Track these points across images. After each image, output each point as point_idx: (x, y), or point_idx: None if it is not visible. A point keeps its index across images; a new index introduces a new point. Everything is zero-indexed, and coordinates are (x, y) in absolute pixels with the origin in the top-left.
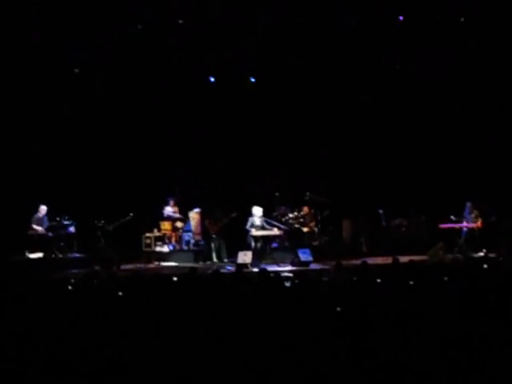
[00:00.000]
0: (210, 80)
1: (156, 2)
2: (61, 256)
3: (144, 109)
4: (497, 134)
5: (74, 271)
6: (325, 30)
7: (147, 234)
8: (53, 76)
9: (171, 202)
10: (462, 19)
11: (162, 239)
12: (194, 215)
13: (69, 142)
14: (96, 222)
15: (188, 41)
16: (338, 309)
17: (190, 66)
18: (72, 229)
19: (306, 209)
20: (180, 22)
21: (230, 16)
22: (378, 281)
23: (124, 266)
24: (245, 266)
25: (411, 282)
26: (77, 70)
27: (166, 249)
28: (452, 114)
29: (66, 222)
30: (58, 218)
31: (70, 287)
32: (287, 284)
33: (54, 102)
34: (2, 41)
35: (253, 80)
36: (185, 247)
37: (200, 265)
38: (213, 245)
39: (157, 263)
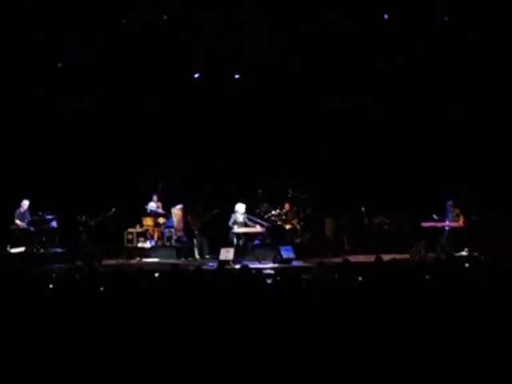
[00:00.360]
0: (194, 76)
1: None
2: (43, 251)
3: (128, 105)
4: (478, 133)
5: (55, 266)
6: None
7: (129, 230)
8: (41, 72)
9: (155, 198)
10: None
11: (144, 235)
12: (177, 211)
13: (52, 137)
14: (78, 216)
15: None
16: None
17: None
18: (54, 223)
19: (288, 206)
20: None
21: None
22: (360, 279)
23: (106, 262)
24: (227, 262)
25: (393, 281)
26: (59, 65)
27: (147, 245)
28: (434, 113)
29: (48, 217)
30: (40, 213)
31: (51, 282)
32: (269, 281)
33: (41, 98)
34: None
35: (236, 77)
36: (167, 243)
37: (182, 261)
38: (195, 241)
39: (139, 259)
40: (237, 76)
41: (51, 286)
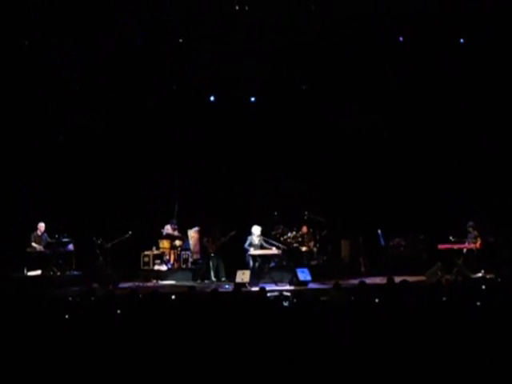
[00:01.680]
0: (210, 99)
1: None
2: (59, 274)
3: (144, 127)
4: (494, 153)
5: (72, 289)
6: (324, 43)
7: (146, 252)
8: (52, 89)
9: (173, 225)
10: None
11: (160, 257)
12: (193, 234)
13: (68, 161)
14: (94, 239)
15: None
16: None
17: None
18: (70, 246)
19: (304, 228)
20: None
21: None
22: (376, 301)
23: (122, 284)
24: (243, 285)
25: (407, 302)
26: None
27: (164, 267)
28: (450, 134)
29: (64, 240)
30: (56, 236)
31: (67, 305)
32: (285, 304)
33: (54, 118)
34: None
35: (253, 100)
36: (183, 266)
37: (198, 283)
38: (211, 263)
39: (155, 281)
40: (252, 99)
41: (68, 308)
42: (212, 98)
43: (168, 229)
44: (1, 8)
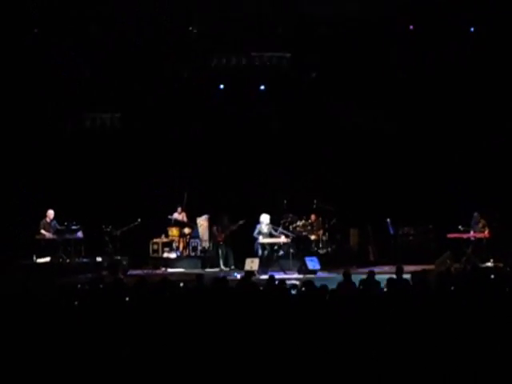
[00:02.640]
0: (219, 87)
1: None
2: (68, 261)
3: (153, 116)
4: (504, 144)
5: (81, 276)
6: (331, 40)
7: (155, 240)
8: (57, 80)
9: (179, 209)
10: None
11: (169, 245)
12: (202, 222)
13: (77, 148)
14: (103, 227)
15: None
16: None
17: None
18: (80, 234)
19: (313, 217)
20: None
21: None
22: (385, 290)
23: (131, 272)
24: (252, 273)
25: (417, 291)
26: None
27: (173, 255)
28: (460, 125)
29: (73, 227)
30: (65, 223)
31: (77, 292)
32: (293, 292)
33: (62, 108)
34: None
35: (262, 88)
36: (192, 253)
37: (207, 271)
38: (220, 252)
39: (164, 269)
40: (262, 87)
41: (76, 296)
42: (221, 86)
43: (176, 216)
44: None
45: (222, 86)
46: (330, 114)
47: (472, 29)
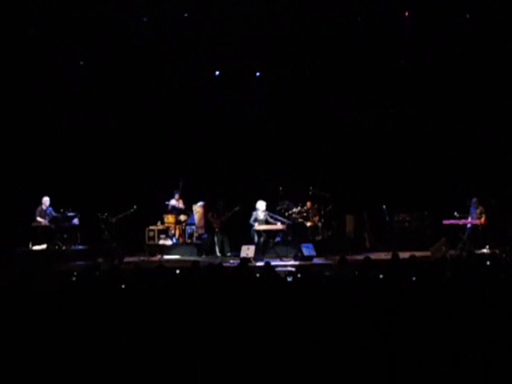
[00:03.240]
0: (215, 74)
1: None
2: (64, 248)
3: (148, 102)
4: (501, 130)
5: (77, 263)
6: (331, 28)
7: (150, 227)
8: (53, 71)
9: (176, 195)
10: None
11: (165, 232)
12: (198, 208)
13: (72, 135)
14: (99, 214)
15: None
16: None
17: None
18: (75, 221)
19: (309, 204)
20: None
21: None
22: (381, 276)
23: (127, 259)
24: (248, 260)
25: (413, 278)
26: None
27: (169, 242)
28: (456, 109)
29: (69, 214)
30: (61, 210)
31: (72, 279)
32: (289, 279)
33: (59, 96)
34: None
35: (258, 74)
36: (188, 240)
37: (203, 258)
38: (216, 238)
39: (160, 256)
40: (258, 74)
41: (72, 283)
42: (217, 73)
43: (173, 202)
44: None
45: (217, 73)
46: (326, 103)
47: (467, 15)
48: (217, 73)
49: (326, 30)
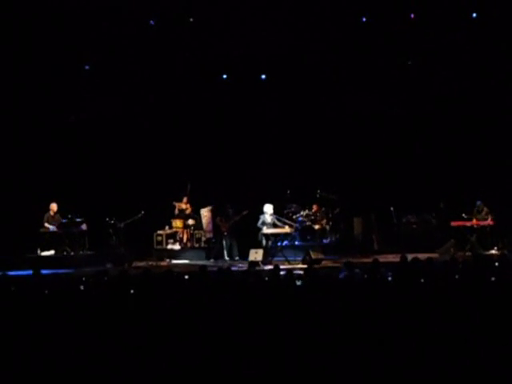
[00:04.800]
0: (222, 77)
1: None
2: (72, 254)
3: (156, 106)
4: (508, 130)
5: (85, 269)
6: (335, 26)
7: (159, 232)
8: (62, 75)
9: (184, 199)
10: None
11: (173, 237)
12: (206, 213)
13: (80, 141)
14: (107, 219)
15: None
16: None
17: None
18: (83, 226)
19: (315, 207)
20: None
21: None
22: (390, 279)
23: (135, 264)
24: (256, 263)
25: (422, 280)
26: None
27: (177, 246)
28: (463, 112)
29: (77, 220)
30: (69, 216)
31: (81, 285)
32: (298, 282)
33: (64, 101)
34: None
35: (263, 77)
36: (196, 245)
37: (211, 262)
38: (224, 242)
39: (168, 261)
40: (263, 76)
41: (82, 288)
42: (224, 76)
43: (180, 205)
44: None
45: (224, 76)
46: (333, 103)
47: (474, 15)
48: (224, 76)
49: (332, 32)
